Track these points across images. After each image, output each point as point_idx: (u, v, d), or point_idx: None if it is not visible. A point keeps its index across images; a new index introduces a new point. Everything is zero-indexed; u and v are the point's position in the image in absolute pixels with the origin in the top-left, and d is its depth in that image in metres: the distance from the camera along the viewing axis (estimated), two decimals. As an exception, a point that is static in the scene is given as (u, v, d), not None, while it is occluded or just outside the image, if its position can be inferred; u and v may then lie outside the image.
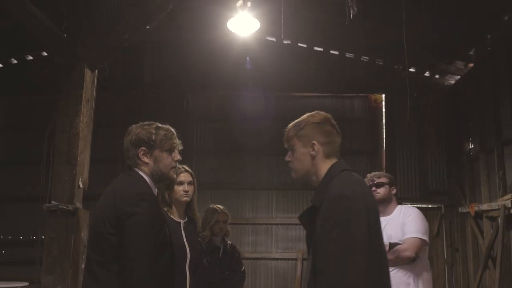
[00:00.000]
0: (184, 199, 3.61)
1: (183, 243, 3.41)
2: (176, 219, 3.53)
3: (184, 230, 3.50)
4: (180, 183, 3.61)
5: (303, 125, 2.49)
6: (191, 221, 3.67)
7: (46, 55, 9.58)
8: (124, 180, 2.74)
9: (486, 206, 7.39)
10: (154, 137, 2.76)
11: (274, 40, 9.46)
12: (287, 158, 2.55)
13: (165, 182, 2.97)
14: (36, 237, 8.87)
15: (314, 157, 2.43)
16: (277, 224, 9.38)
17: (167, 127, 2.85)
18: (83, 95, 4.63)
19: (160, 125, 2.84)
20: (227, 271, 4.58)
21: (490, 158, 7.53)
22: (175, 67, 9.55)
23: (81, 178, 4.55)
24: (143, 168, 2.77)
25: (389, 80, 9.36)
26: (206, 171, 9.62)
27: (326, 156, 2.45)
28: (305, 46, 9.58)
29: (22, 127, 9.71)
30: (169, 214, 3.47)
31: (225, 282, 4.50)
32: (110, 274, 2.52)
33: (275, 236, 9.37)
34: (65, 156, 4.49)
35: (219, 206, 4.81)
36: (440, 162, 9.27)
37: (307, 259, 2.50)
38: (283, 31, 6.32)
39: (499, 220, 6.98)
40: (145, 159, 2.76)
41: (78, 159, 4.54)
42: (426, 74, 9.37)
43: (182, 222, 3.56)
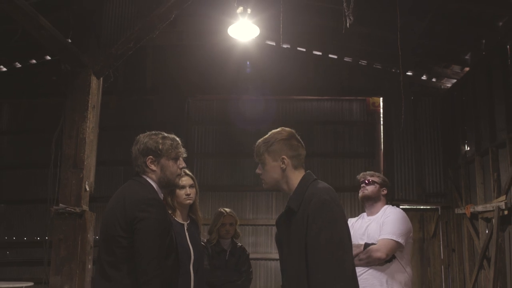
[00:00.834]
0: (187, 202, 3.78)
1: (187, 244, 3.58)
2: (180, 221, 3.69)
3: (188, 231, 3.68)
4: (182, 187, 3.76)
5: (272, 141, 2.77)
6: (194, 222, 3.84)
7: (49, 59, 9.73)
8: (133, 186, 2.93)
9: (481, 208, 7.50)
10: (161, 146, 2.97)
11: (274, 44, 9.57)
12: (257, 171, 2.84)
13: (170, 188, 3.16)
14: (41, 238, 9.03)
15: (284, 169, 2.72)
16: None
17: (172, 136, 3.05)
18: (89, 101, 4.79)
19: (166, 134, 3.05)
20: (233, 273, 4.70)
21: (485, 160, 7.65)
22: (176, 71, 9.67)
23: (87, 181, 4.72)
24: (150, 175, 2.97)
25: (387, 83, 9.47)
26: (206, 174, 9.75)
27: (295, 167, 2.74)
28: (304, 50, 9.69)
29: (27, 130, 9.85)
30: (173, 217, 3.64)
31: (229, 283, 4.62)
32: (121, 274, 2.72)
33: (274, 237, 9.40)
34: (72, 160, 4.66)
35: (226, 209, 4.95)
36: (437, 164, 9.36)
37: (281, 258, 2.75)
38: (282, 37, 6.47)
39: (493, 221, 7.11)
40: (152, 167, 2.96)
41: (85, 163, 4.71)
42: (423, 78, 9.48)
43: (186, 224, 3.73)
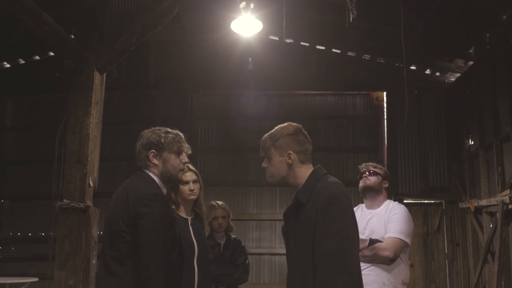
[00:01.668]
0: (191, 197, 3.77)
1: (191, 239, 3.58)
2: (183, 216, 3.69)
3: (192, 226, 3.68)
4: (186, 182, 3.75)
5: (278, 136, 2.78)
6: (198, 217, 3.84)
7: (53, 55, 9.73)
8: (135, 181, 2.94)
9: (485, 202, 7.49)
10: (163, 140, 2.98)
11: (277, 39, 9.57)
12: (263, 165, 2.85)
13: (173, 183, 3.16)
14: (45, 234, 9.07)
15: (290, 164, 2.73)
16: (280, 220, 9.28)
17: (176, 131, 3.07)
18: (93, 97, 4.79)
19: (170, 130, 3.07)
20: (229, 266, 4.69)
21: (490, 154, 7.64)
22: (179, 67, 9.66)
23: (91, 177, 4.73)
24: (153, 169, 2.98)
25: (390, 78, 9.43)
26: (210, 169, 9.77)
27: (301, 162, 2.74)
28: (307, 45, 9.67)
29: (31, 127, 9.87)
30: (177, 212, 3.64)
31: (224, 276, 4.61)
32: (125, 269, 2.74)
33: (279, 232, 9.38)
34: (76, 156, 4.66)
35: (218, 202, 4.90)
36: (441, 158, 9.33)
37: (288, 250, 2.78)
38: (285, 32, 6.45)
39: (498, 215, 7.09)
40: (154, 161, 2.97)
41: (89, 159, 4.71)
42: (427, 72, 9.45)
43: (190, 218, 3.73)
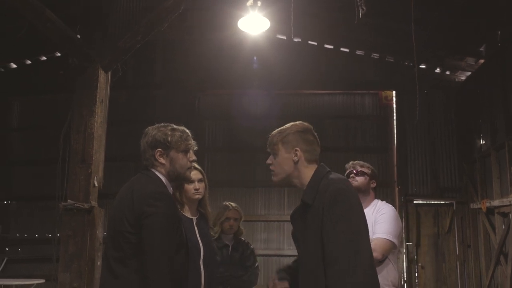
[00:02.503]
0: (196, 197, 3.66)
1: (197, 239, 3.47)
2: (188, 216, 3.59)
3: (197, 226, 3.57)
4: (191, 181, 3.62)
5: (287, 132, 2.72)
6: (203, 217, 3.73)
7: (59, 55, 9.70)
8: (141, 180, 2.83)
9: (497, 202, 7.39)
10: (170, 138, 2.86)
11: (285, 38, 9.51)
12: (268, 161, 2.79)
13: (180, 181, 3.06)
14: (52, 235, 9.02)
15: (296, 162, 2.66)
16: (289, 221, 9.26)
17: (182, 128, 2.95)
18: (97, 96, 4.71)
19: (175, 126, 2.95)
20: (237, 268, 4.59)
21: (501, 154, 7.53)
22: (186, 65, 9.60)
23: (96, 177, 4.64)
24: (159, 168, 2.87)
25: (399, 77, 9.36)
26: (217, 169, 9.67)
27: (308, 161, 2.66)
28: (315, 44, 9.61)
29: (37, 127, 9.84)
30: (181, 212, 3.54)
31: (234, 278, 4.50)
32: (129, 270, 2.63)
33: (287, 233, 9.35)
34: (80, 155, 4.58)
35: (232, 203, 4.79)
36: (452, 158, 9.25)
37: (299, 254, 2.71)
38: (293, 30, 6.37)
39: (510, 216, 6.99)
40: (161, 160, 2.86)
41: (93, 158, 4.63)
42: (436, 71, 9.35)
43: (195, 218, 3.62)
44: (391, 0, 7.17)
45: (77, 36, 4.82)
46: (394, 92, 9.65)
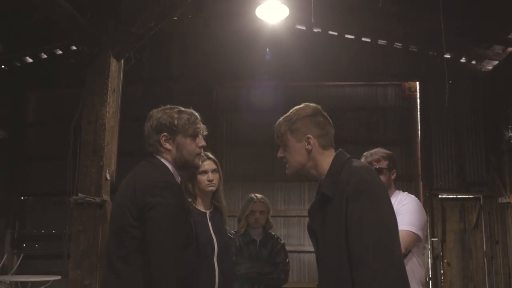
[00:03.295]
0: (209, 188, 3.40)
1: (210, 234, 3.22)
2: (201, 210, 3.35)
3: (210, 220, 3.31)
4: (204, 172, 3.39)
5: (295, 118, 2.41)
6: (217, 210, 3.48)
7: (75, 49, 9.60)
8: (145, 168, 2.58)
9: (527, 196, 7.14)
10: (176, 121, 2.60)
11: (304, 28, 9.29)
12: (279, 155, 2.48)
13: (189, 169, 2.78)
14: (63, 230, 8.96)
15: (310, 151, 2.35)
16: None
17: (190, 111, 2.69)
18: (109, 84, 4.52)
19: (182, 108, 2.69)
20: (265, 265, 4.33)
21: (532, 145, 7.26)
22: (203, 58, 9.44)
23: (108, 170, 4.45)
24: (165, 155, 2.61)
25: (423, 67, 9.11)
26: (236, 164, 9.51)
27: (323, 147, 2.37)
28: (336, 34, 9.37)
29: (53, 122, 9.76)
30: (194, 205, 3.30)
31: (261, 276, 4.25)
32: (133, 269, 2.37)
33: (307, 227, 9.17)
34: (91, 147, 4.39)
35: (257, 195, 4.46)
36: (478, 151, 8.96)
37: (317, 251, 2.40)
38: (313, 18, 6.16)
39: (542, 210, 6.73)
40: (167, 146, 2.60)
41: (105, 150, 4.43)
42: (462, 60, 9.06)
43: (208, 212, 3.37)
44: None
45: (87, 22, 4.63)
46: (417, 83, 9.37)
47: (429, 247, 8.51)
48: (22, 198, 9.94)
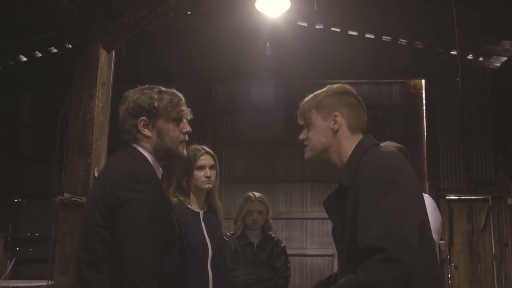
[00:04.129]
0: (206, 186, 3.10)
1: (203, 236, 2.92)
2: (194, 209, 3.05)
3: (204, 221, 3.01)
4: (201, 167, 3.09)
5: (323, 95, 2.10)
6: (212, 210, 3.17)
7: (70, 47, 9.38)
8: (119, 159, 2.22)
9: (538, 197, 6.92)
10: (157, 103, 2.22)
11: (306, 25, 9.07)
12: (301, 137, 2.14)
13: (172, 159, 2.38)
14: (48, 233, 8.78)
15: (336, 131, 2.04)
16: (312, 219, 8.99)
17: (172, 91, 2.31)
18: (98, 77, 4.25)
19: (163, 89, 2.30)
20: (263, 271, 4.02)
21: (542, 144, 7.05)
22: (201, 56, 9.20)
23: (97, 168, 4.17)
24: (143, 143, 2.24)
25: (429, 64, 8.91)
26: (236, 164, 9.28)
27: (351, 131, 2.06)
28: (338, 30, 9.15)
29: (47, 123, 9.53)
30: (186, 204, 3.01)
31: (258, 283, 3.94)
32: (103, 277, 2.02)
33: (310, 231, 8.97)
34: (78, 143, 4.13)
35: (255, 193, 4.17)
36: (486, 150, 8.75)
37: (337, 253, 2.07)
38: (315, 17, 5.93)
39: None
40: (146, 132, 2.23)
41: (93, 147, 4.16)
42: (469, 57, 8.83)
43: (202, 212, 3.07)
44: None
45: (76, 11, 4.36)
46: (423, 81, 9.16)
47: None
48: (16, 200, 9.70)
